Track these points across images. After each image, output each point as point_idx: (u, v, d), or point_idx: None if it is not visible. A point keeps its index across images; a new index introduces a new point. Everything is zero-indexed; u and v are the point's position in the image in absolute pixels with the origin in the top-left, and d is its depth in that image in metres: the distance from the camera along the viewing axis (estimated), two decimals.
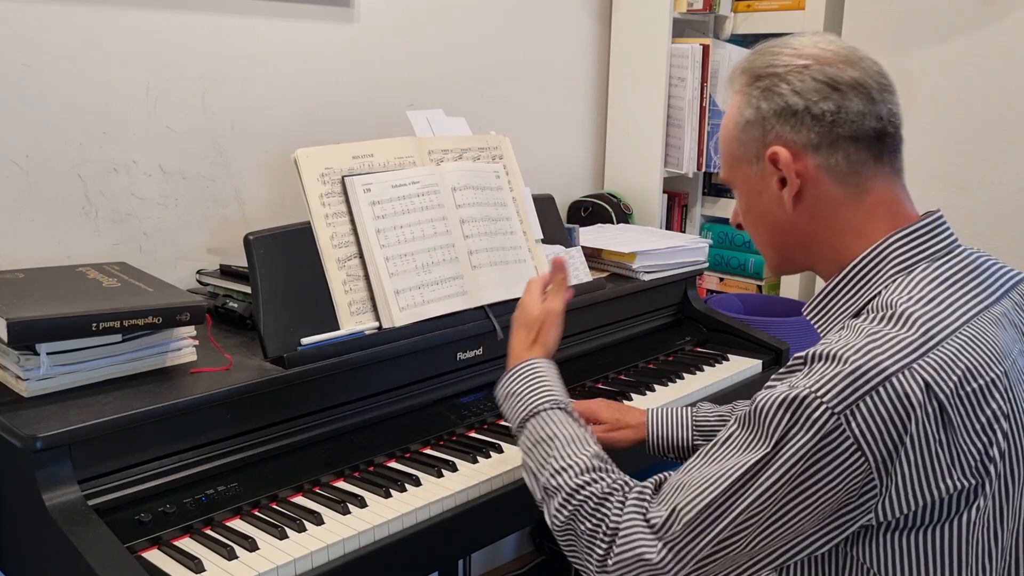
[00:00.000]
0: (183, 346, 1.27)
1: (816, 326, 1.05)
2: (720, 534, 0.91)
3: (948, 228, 0.99)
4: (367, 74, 1.94)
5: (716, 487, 0.91)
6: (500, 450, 1.38)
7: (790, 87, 0.98)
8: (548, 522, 1.06)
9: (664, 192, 2.46)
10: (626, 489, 1.01)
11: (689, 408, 1.38)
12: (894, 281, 0.95)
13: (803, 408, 0.86)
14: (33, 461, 1.05)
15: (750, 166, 1.03)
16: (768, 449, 0.88)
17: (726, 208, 2.56)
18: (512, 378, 1.20)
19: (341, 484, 1.27)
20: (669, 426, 1.36)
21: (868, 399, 0.84)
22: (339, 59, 1.89)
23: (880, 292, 0.95)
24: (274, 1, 1.76)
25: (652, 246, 1.90)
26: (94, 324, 1.14)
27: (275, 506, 1.20)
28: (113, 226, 1.61)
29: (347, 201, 1.42)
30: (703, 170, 2.46)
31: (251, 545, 1.10)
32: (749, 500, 0.89)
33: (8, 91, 1.46)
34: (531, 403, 1.15)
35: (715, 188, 2.59)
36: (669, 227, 2.53)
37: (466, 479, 1.29)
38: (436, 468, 1.31)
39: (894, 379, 0.84)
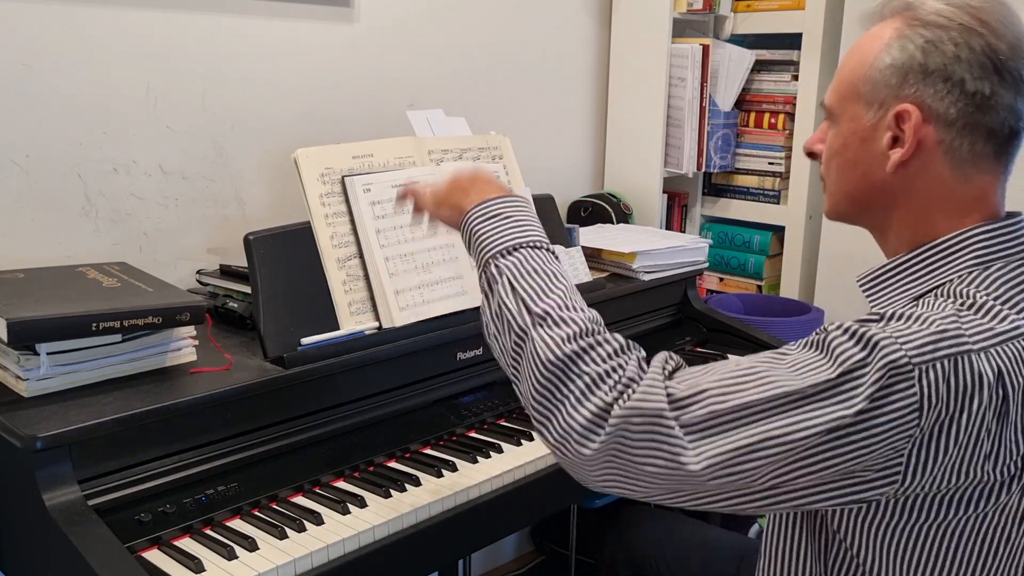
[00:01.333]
0: (183, 346, 1.27)
1: (869, 297, 1.00)
2: (745, 440, 0.83)
3: None
4: (367, 74, 1.94)
5: (759, 390, 0.84)
6: (500, 450, 1.38)
7: (955, 50, 0.89)
8: (534, 352, 0.92)
9: (664, 192, 2.46)
10: (637, 349, 0.94)
11: None
12: (970, 274, 0.91)
13: (880, 347, 0.82)
14: (33, 461, 1.05)
15: (867, 109, 0.95)
16: (831, 376, 0.82)
17: (726, 208, 2.56)
18: (508, 203, 1.03)
19: (341, 484, 1.27)
20: None
21: (946, 362, 0.81)
22: (339, 59, 1.89)
23: (951, 280, 0.92)
24: (274, 1, 1.76)
25: (652, 246, 1.90)
26: (94, 324, 1.14)
27: (275, 506, 1.20)
28: (113, 226, 1.61)
29: (347, 201, 1.42)
30: (703, 170, 2.46)
31: (251, 545, 1.10)
32: (791, 422, 0.82)
33: (8, 91, 1.46)
34: (535, 235, 1.01)
35: (715, 188, 2.59)
36: (669, 227, 2.53)
37: (466, 479, 1.29)
38: (436, 468, 1.31)
39: (974, 356, 0.82)
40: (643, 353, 0.94)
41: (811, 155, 1.07)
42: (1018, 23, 0.91)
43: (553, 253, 1.01)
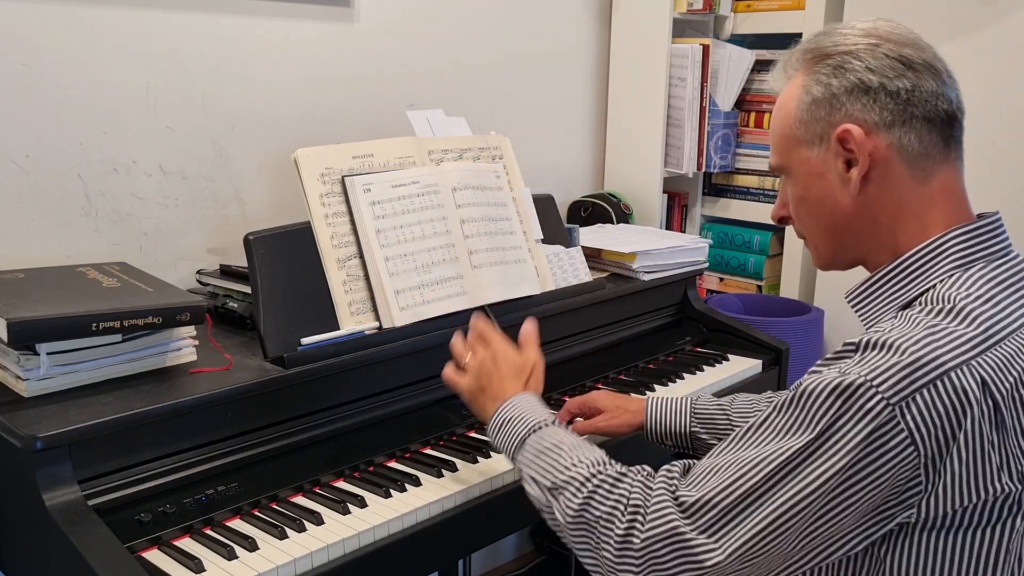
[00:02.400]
0: (183, 346, 1.27)
1: (859, 313, 1.02)
2: (760, 524, 0.87)
3: (1005, 231, 0.98)
4: (367, 74, 1.94)
5: (755, 473, 0.88)
6: None
7: (863, 64, 0.95)
8: (559, 519, 1.02)
9: (664, 192, 2.46)
10: (640, 470, 0.99)
11: (689, 397, 1.39)
12: (951, 276, 0.93)
13: (856, 396, 0.83)
14: (33, 461, 1.05)
15: (810, 148, 1.00)
16: (812, 436, 0.85)
17: (726, 208, 2.56)
18: (509, 407, 1.16)
19: (341, 484, 1.27)
20: (668, 413, 1.37)
21: (925, 392, 0.82)
22: (339, 59, 1.89)
23: (935, 286, 0.93)
24: (274, 1, 1.76)
25: (652, 246, 1.90)
26: (94, 324, 1.14)
27: (275, 506, 1.20)
28: (113, 226, 1.61)
29: (347, 201, 1.42)
30: (703, 170, 2.46)
31: (251, 545, 1.10)
32: (794, 491, 0.86)
33: (8, 91, 1.46)
34: (533, 420, 1.12)
35: (715, 188, 2.59)
36: (669, 227, 2.53)
37: (466, 479, 1.29)
38: (436, 468, 1.31)
39: (952, 374, 0.83)
40: (646, 471, 1.00)
41: (781, 220, 1.11)
42: (908, 30, 0.97)
43: (549, 424, 1.12)
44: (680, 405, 1.37)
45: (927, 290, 0.94)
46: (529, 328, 1.28)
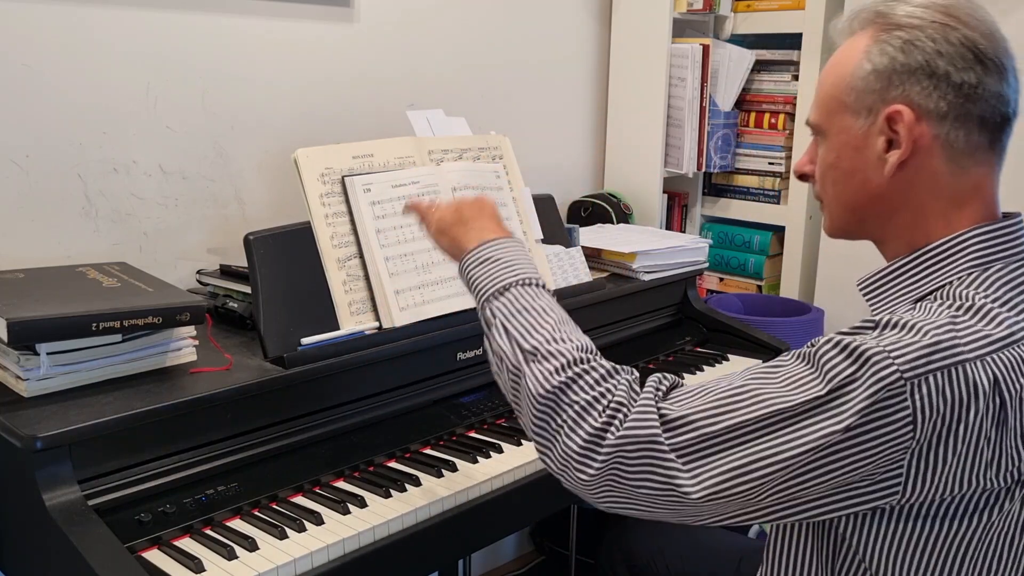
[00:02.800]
0: (183, 346, 1.27)
1: (870, 301, 1.00)
2: (737, 463, 0.84)
3: None
4: (367, 74, 1.94)
5: (749, 411, 0.85)
6: (500, 450, 1.38)
7: (934, 46, 0.89)
8: (526, 385, 0.94)
9: (664, 192, 2.46)
10: (631, 371, 0.95)
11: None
12: (969, 275, 0.91)
13: (871, 362, 0.82)
14: (33, 461, 1.05)
15: (855, 118, 0.95)
16: (820, 392, 0.83)
17: (726, 208, 2.56)
18: (496, 246, 1.07)
19: (341, 484, 1.27)
20: None
21: (939, 375, 0.81)
22: (339, 59, 1.89)
23: (951, 282, 0.92)
24: (274, 1, 1.76)
25: (652, 246, 1.90)
26: (94, 324, 1.14)
27: (275, 506, 1.20)
28: (113, 226, 1.61)
29: (347, 201, 1.42)
30: (703, 170, 2.46)
31: (251, 545, 1.10)
32: (783, 441, 0.83)
33: (8, 91, 1.46)
34: (524, 273, 1.03)
35: (715, 188, 2.59)
36: (669, 227, 2.53)
37: (466, 479, 1.29)
38: (436, 468, 1.31)
39: (968, 365, 0.82)
40: (635, 375, 0.95)
41: (802, 177, 1.06)
42: (987, 14, 0.92)
43: (543, 287, 1.04)
44: None
45: (943, 286, 0.92)
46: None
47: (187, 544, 1.11)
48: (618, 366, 0.95)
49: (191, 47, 1.66)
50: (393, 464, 1.34)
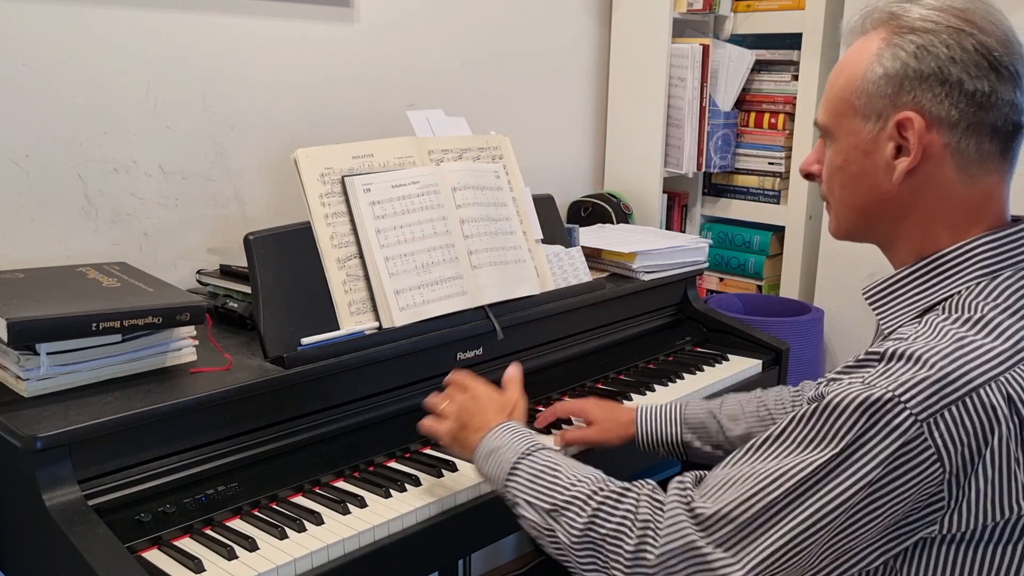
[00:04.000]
0: (183, 346, 1.27)
1: (876, 311, 0.98)
2: (780, 539, 0.85)
3: None
4: (367, 74, 1.94)
5: (776, 487, 0.85)
6: None
7: (948, 52, 0.87)
8: (562, 540, 0.98)
9: (664, 192, 2.46)
10: (645, 483, 0.97)
11: (678, 403, 1.38)
12: (978, 284, 0.90)
13: (884, 412, 0.81)
14: (33, 461, 1.05)
15: (864, 122, 0.93)
16: (836, 451, 0.83)
17: (726, 208, 2.56)
18: (494, 435, 1.13)
19: (341, 484, 1.27)
20: (658, 423, 1.36)
21: (954, 408, 0.81)
22: (339, 59, 1.89)
23: (959, 292, 0.90)
24: (274, 1, 1.76)
25: (652, 246, 1.90)
26: (94, 324, 1.14)
27: (275, 506, 1.20)
28: (113, 226, 1.61)
29: (347, 201, 1.42)
30: (703, 170, 2.46)
31: (251, 545, 1.10)
32: (817, 506, 0.84)
33: (8, 91, 1.46)
34: (522, 446, 1.09)
35: (715, 188, 2.59)
36: (669, 227, 2.53)
37: (467, 479, 1.29)
38: (436, 468, 1.31)
39: (981, 390, 0.81)
40: (651, 485, 0.97)
41: (808, 176, 1.05)
42: (1004, 19, 0.90)
43: (540, 449, 1.09)
44: (670, 414, 1.36)
45: (950, 296, 0.91)
46: (513, 371, 1.26)
47: (187, 544, 1.11)
48: (631, 483, 0.98)
49: (191, 47, 1.66)
50: (393, 464, 1.34)
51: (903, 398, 0.81)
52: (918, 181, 0.92)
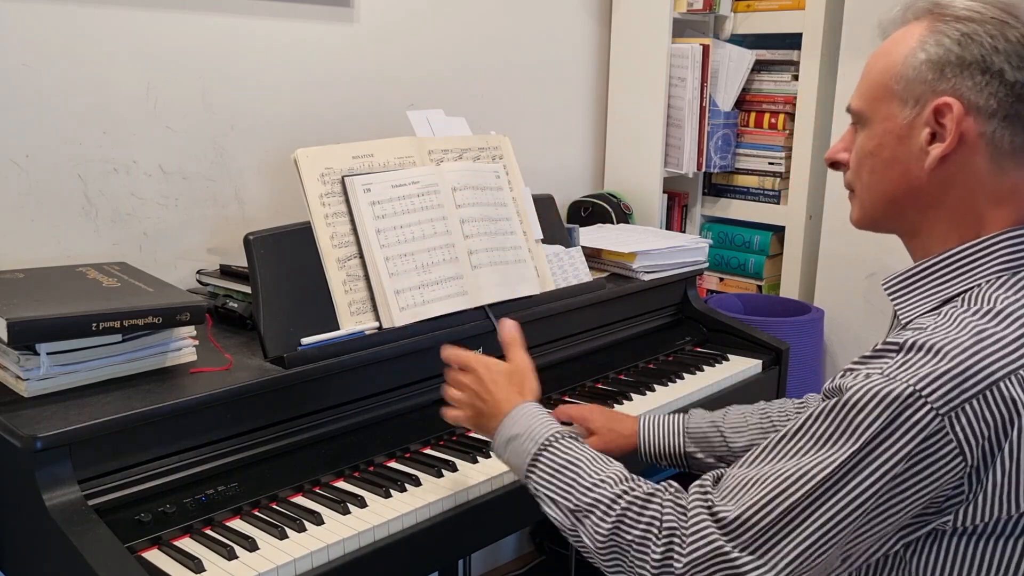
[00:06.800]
0: (183, 346, 1.27)
1: (894, 301, 0.98)
2: (807, 540, 0.85)
3: None
4: (367, 74, 1.94)
5: (797, 488, 0.85)
6: None
7: (992, 42, 0.88)
8: (587, 544, 0.98)
9: (664, 192, 2.46)
10: (668, 487, 0.96)
11: (681, 415, 1.37)
12: (999, 278, 0.90)
13: (905, 407, 0.81)
14: (33, 461, 1.05)
15: (902, 107, 0.93)
16: (857, 447, 0.83)
17: (726, 208, 2.56)
18: (511, 422, 1.11)
19: (341, 484, 1.27)
20: (661, 435, 1.35)
21: (975, 402, 0.81)
22: (339, 59, 1.89)
23: (979, 284, 0.91)
24: (274, 1, 1.76)
25: (652, 246, 1.90)
26: (94, 324, 1.14)
27: (275, 506, 1.20)
28: (113, 226, 1.61)
29: (347, 201, 1.42)
30: (703, 170, 2.46)
31: (251, 545, 1.10)
32: (840, 504, 0.83)
33: (8, 91, 1.46)
34: (540, 435, 1.07)
35: (715, 188, 2.59)
36: (669, 227, 2.53)
37: (466, 479, 1.29)
38: (436, 468, 1.31)
39: (1002, 383, 0.81)
40: (673, 488, 0.96)
41: (834, 165, 1.04)
42: None
43: (561, 438, 1.07)
44: (672, 425, 1.35)
45: (971, 288, 0.91)
46: (508, 329, 1.22)
47: (187, 544, 1.11)
48: (656, 486, 0.96)
49: (191, 47, 1.66)
50: (393, 464, 1.34)
51: (924, 392, 0.81)
52: (949, 170, 0.92)
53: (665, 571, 0.90)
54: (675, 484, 0.97)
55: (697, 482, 0.95)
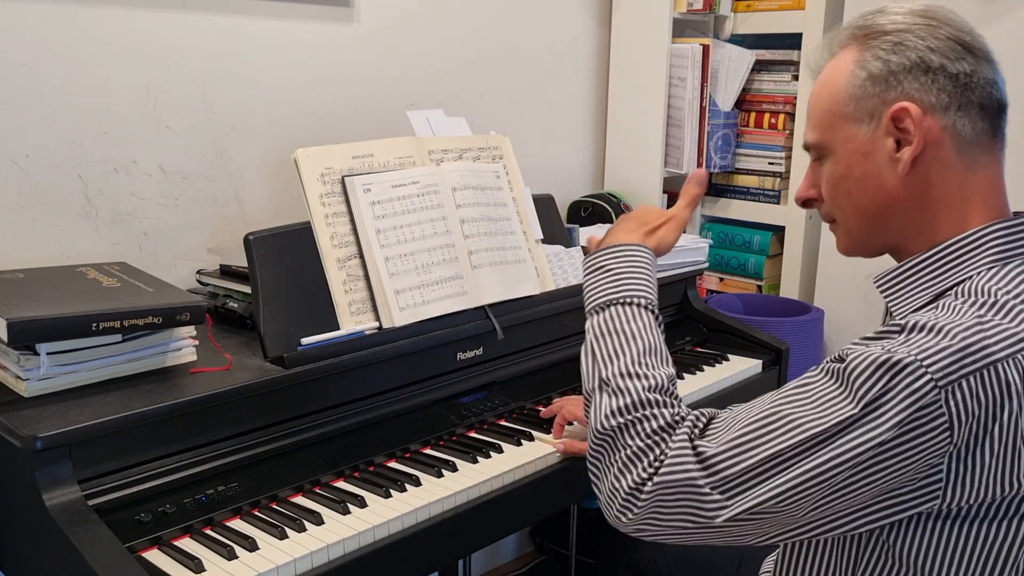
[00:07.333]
0: (183, 346, 1.27)
1: (887, 298, 0.99)
2: (778, 489, 0.85)
3: None
4: (367, 74, 1.94)
5: (786, 438, 0.85)
6: (500, 450, 1.38)
7: (924, 43, 0.92)
8: (590, 417, 0.98)
9: (664, 192, 2.46)
10: (693, 416, 0.95)
11: None
12: (989, 270, 0.91)
13: (904, 374, 0.81)
14: (33, 461, 1.05)
15: (858, 126, 0.96)
16: (854, 410, 0.83)
17: (726, 208, 2.56)
18: (615, 254, 1.09)
19: (341, 484, 1.27)
20: None
21: (972, 379, 0.81)
22: (339, 59, 1.89)
23: (971, 277, 0.92)
24: (274, 1, 1.76)
25: None
26: (94, 324, 1.14)
27: (275, 506, 1.20)
28: (113, 226, 1.61)
29: (347, 201, 1.42)
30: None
31: (251, 545, 1.10)
32: (821, 460, 0.83)
33: (8, 91, 1.46)
34: (628, 289, 1.05)
35: (715, 188, 2.59)
36: None
37: (466, 479, 1.29)
38: (436, 468, 1.31)
39: (999, 365, 0.82)
40: (697, 430, 0.94)
41: (806, 203, 1.06)
42: (962, 18, 0.95)
43: (644, 306, 1.05)
44: None
45: (962, 282, 0.92)
46: (699, 176, 1.23)
47: (187, 544, 1.11)
48: (686, 421, 0.94)
49: (191, 47, 1.66)
50: (393, 464, 1.34)
51: (925, 362, 0.82)
52: (922, 171, 0.94)
53: (636, 491, 0.91)
54: (702, 422, 0.94)
55: (692, 415, 0.95)
